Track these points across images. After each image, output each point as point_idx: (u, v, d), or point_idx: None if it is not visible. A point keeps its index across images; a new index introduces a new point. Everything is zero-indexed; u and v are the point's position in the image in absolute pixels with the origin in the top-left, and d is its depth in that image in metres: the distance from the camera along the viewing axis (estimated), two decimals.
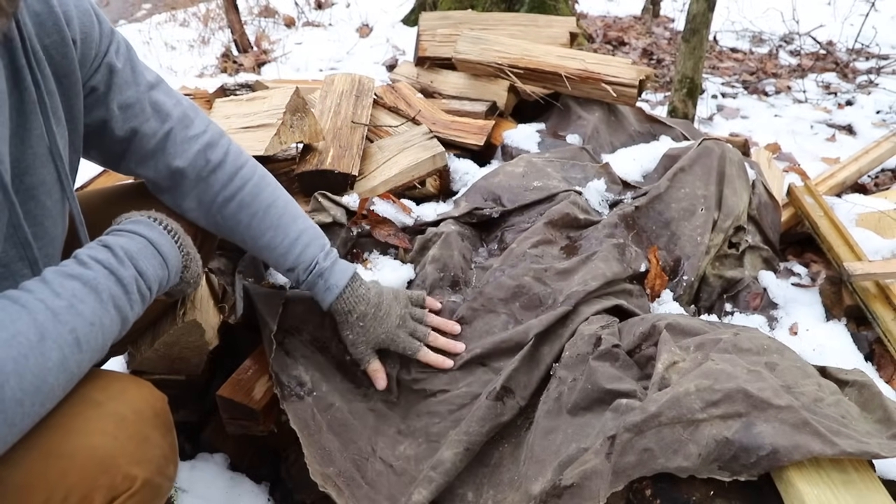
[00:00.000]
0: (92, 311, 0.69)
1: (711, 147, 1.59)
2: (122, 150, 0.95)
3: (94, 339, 0.69)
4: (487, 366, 1.17)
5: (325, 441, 1.04)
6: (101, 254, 0.74)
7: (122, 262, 0.75)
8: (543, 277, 1.28)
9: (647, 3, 5.73)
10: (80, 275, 0.70)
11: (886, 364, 1.36)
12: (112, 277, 0.73)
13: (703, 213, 1.49)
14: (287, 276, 1.10)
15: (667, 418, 0.86)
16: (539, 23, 2.41)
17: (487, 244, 1.48)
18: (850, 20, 4.44)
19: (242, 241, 1.06)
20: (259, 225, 1.03)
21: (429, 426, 1.12)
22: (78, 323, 0.67)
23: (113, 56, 0.89)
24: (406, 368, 1.18)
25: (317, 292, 1.11)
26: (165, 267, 0.81)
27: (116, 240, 0.77)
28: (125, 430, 0.71)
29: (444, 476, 1.00)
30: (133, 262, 0.76)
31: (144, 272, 0.77)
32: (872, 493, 0.81)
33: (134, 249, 0.77)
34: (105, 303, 0.70)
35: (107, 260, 0.74)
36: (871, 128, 2.96)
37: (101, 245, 0.76)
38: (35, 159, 0.76)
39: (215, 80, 3.89)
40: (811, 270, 1.62)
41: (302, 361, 1.14)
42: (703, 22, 2.44)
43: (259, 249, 1.06)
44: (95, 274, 0.71)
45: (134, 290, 0.75)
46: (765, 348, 1.01)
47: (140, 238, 0.79)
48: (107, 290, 0.71)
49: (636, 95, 1.88)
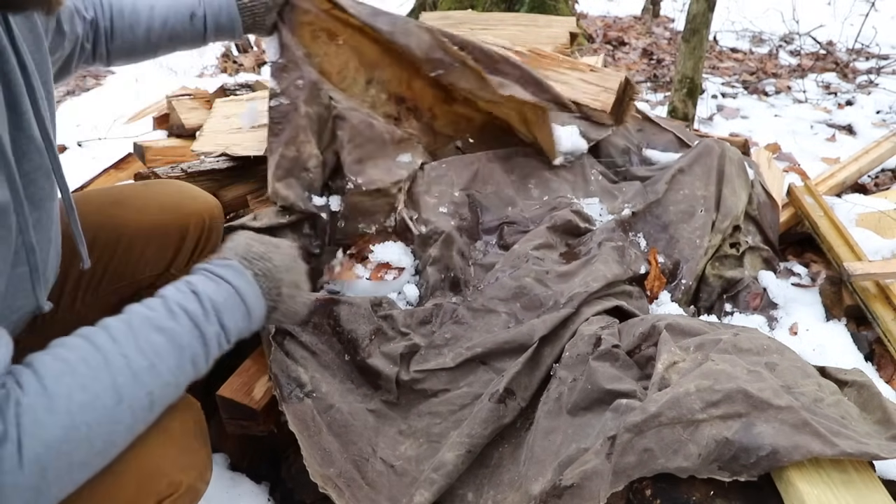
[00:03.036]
0: (170, 371, 0.67)
1: (712, 146, 1.58)
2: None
3: (167, 397, 0.68)
4: (488, 365, 1.17)
5: (325, 442, 1.04)
6: (191, 304, 0.71)
7: (207, 316, 0.71)
8: (545, 279, 1.28)
9: (647, 3, 5.73)
10: (168, 329, 0.68)
11: (886, 364, 1.36)
12: (196, 332, 0.70)
13: (703, 215, 1.49)
14: (195, 29, 1.18)
15: (667, 418, 0.87)
16: (539, 23, 2.41)
17: (484, 236, 1.47)
18: (850, 20, 4.45)
19: (146, 37, 1.14)
20: (141, 14, 1.12)
21: (430, 426, 1.12)
22: (156, 385, 0.65)
23: None
24: (405, 368, 1.18)
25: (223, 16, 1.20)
26: (248, 318, 0.77)
27: (205, 287, 0.74)
28: (173, 443, 0.74)
29: (445, 478, 1.00)
30: (218, 317, 0.72)
31: (227, 327, 0.73)
32: (872, 493, 0.81)
33: (220, 301, 0.73)
34: (185, 361, 0.68)
35: (194, 312, 0.71)
36: (871, 128, 2.96)
37: (191, 290, 0.73)
38: (30, 143, 0.76)
39: (215, 80, 3.89)
40: (811, 270, 1.62)
41: (301, 362, 1.14)
42: (703, 22, 2.44)
43: (161, 28, 1.14)
44: (182, 329, 0.69)
45: (214, 346, 0.72)
46: (765, 348, 1.01)
47: (227, 287, 0.75)
48: (189, 347, 0.69)
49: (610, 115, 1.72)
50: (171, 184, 1.17)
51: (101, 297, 1.04)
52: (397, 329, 1.24)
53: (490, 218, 1.48)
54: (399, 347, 1.20)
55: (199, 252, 1.12)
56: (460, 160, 1.53)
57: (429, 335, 1.24)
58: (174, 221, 1.07)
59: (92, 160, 2.40)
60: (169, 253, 1.08)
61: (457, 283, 1.35)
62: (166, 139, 2.13)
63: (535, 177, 1.58)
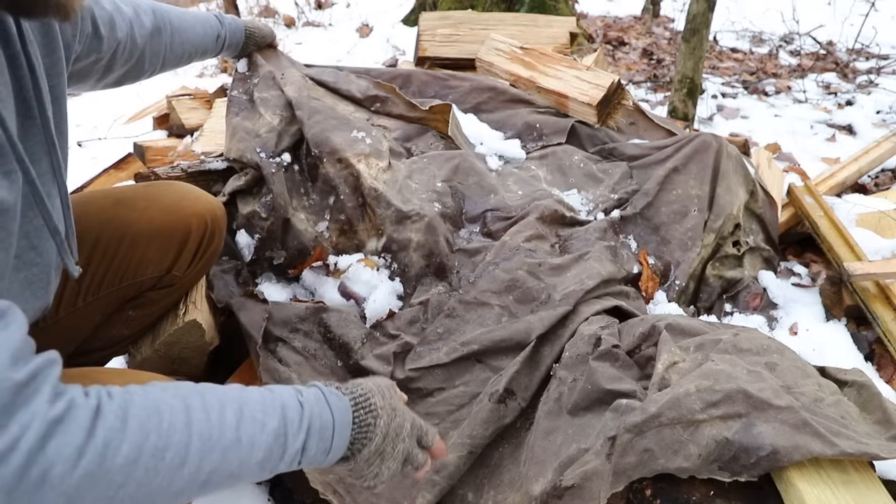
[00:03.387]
0: (239, 464, 0.62)
1: (709, 142, 1.56)
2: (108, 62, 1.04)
3: (219, 487, 0.62)
4: (484, 363, 1.17)
5: None
6: (291, 409, 0.68)
7: (299, 431, 0.67)
8: (537, 272, 1.28)
9: (647, 3, 5.73)
10: (261, 421, 0.64)
11: (886, 364, 1.36)
12: (280, 440, 0.66)
13: (696, 215, 1.48)
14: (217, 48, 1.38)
15: (667, 419, 0.86)
16: (539, 23, 2.41)
17: (468, 224, 1.46)
18: (850, 20, 4.44)
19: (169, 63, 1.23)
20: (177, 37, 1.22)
21: None
22: (220, 468, 0.60)
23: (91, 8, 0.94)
24: (400, 367, 1.18)
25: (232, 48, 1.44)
26: (326, 453, 0.71)
27: (312, 404, 0.70)
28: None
29: (447, 480, 1.00)
30: (307, 437, 0.68)
31: (307, 451, 0.68)
32: (872, 493, 0.81)
33: (316, 426, 0.69)
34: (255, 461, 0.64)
35: (291, 419, 0.67)
36: (871, 128, 2.96)
37: (297, 395, 0.70)
38: (38, 147, 0.76)
39: (215, 80, 3.89)
40: (811, 270, 1.62)
41: (295, 369, 1.14)
42: (703, 22, 2.44)
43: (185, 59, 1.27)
44: (269, 430, 0.65)
45: (287, 462, 0.67)
46: (765, 348, 1.01)
47: (329, 415, 0.70)
48: (267, 450, 0.65)
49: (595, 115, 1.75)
50: (173, 185, 1.17)
51: (101, 297, 1.04)
52: (387, 333, 1.24)
53: (473, 207, 1.47)
54: (392, 347, 1.20)
55: (201, 253, 1.12)
56: (441, 155, 1.54)
57: (419, 332, 1.24)
58: (176, 222, 1.07)
59: (92, 160, 2.40)
60: (171, 254, 1.08)
61: (442, 269, 1.34)
62: (166, 139, 2.13)
63: (512, 174, 1.59)
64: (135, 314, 1.11)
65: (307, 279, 1.39)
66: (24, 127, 0.74)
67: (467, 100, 1.81)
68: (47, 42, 0.80)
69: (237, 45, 1.48)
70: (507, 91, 1.82)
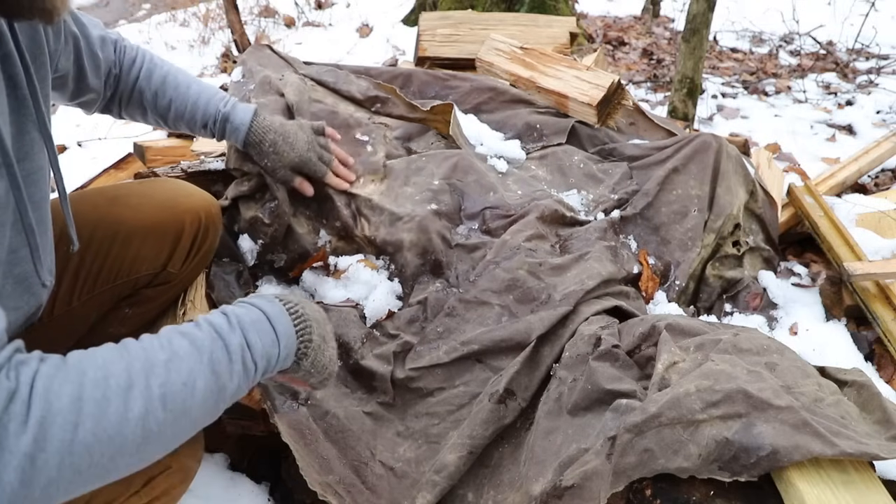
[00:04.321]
0: (188, 371, 0.65)
1: (709, 142, 1.56)
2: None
3: (182, 402, 0.64)
4: (484, 363, 1.17)
5: (323, 449, 1.04)
6: (216, 318, 0.72)
7: (233, 328, 0.71)
8: (538, 272, 1.28)
9: (647, 3, 5.73)
10: (190, 333, 0.68)
11: (886, 364, 1.36)
12: (219, 342, 0.69)
13: (696, 215, 1.47)
14: (207, 135, 1.26)
15: (667, 419, 0.86)
16: (539, 23, 2.41)
17: (466, 221, 1.44)
18: (850, 20, 4.44)
19: (157, 119, 1.20)
20: (161, 100, 1.17)
21: (428, 427, 1.12)
22: (170, 379, 0.63)
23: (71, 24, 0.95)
24: (400, 367, 1.18)
25: (230, 136, 1.25)
26: (277, 345, 0.75)
27: (234, 309, 0.75)
28: None
29: (447, 480, 1.00)
30: (243, 331, 0.71)
31: (253, 344, 0.72)
32: (872, 493, 0.81)
33: (247, 320, 0.73)
34: (204, 364, 0.67)
35: (219, 324, 0.71)
36: (871, 128, 2.96)
37: (219, 311, 0.74)
38: (33, 145, 0.76)
39: (215, 80, 3.89)
40: (811, 270, 1.62)
41: None
42: (703, 22, 2.44)
43: (174, 121, 1.21)
44: (204, 335, 0.69)
45: (238, 360, 0.70)
46: (765, 348, 1.01)
47: (257, 311, 0.75)
48: (209, 351, 0.67)
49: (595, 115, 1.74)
50: (167, 182, 1.17)
51: (97, 294, 1.04)
52: (387, 333, 1.24)
53: (472, 204, 1.45)
54: (392, 346, 1.20)
55: (195, 249, 1.12)
56: (441, 153, 1.53)
57: (419, 332, 1.24)
58: (170, 219, 1.08)
59: (92, 160, 2.40)
60: (165, 250, 1.08)
61: (439, 266, 1.34)
62: (166, 139, 2.13)
63: (512, 174, 1.59)
64: (131, 312, 1.11)
65: (307, 280, 1.39)
66: (19, 124, 0.74)
67: (467, 100, 1.81)
68: (35, 46, 0.81)
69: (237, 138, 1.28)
70: (507, 91, 1.82)
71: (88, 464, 0.57)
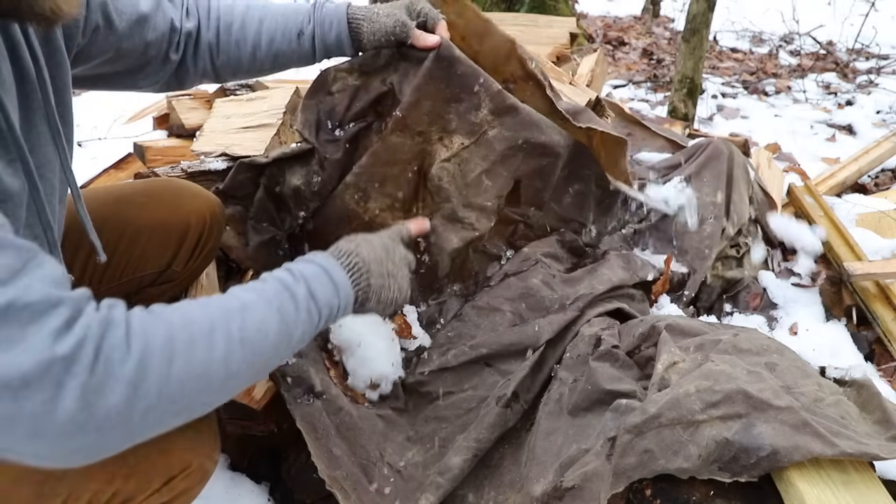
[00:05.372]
0: (262, 318, 0.70)
1: (721, 149, 1.54)
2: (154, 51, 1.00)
3: (257, 344, 0.69)
4: (493, 367, 1.17)
5: (333, 445, 1.04)
6: (281, 273, 0.78)
7: (297, 281, 0.76)
8: (551, 282, 1.28)
9: (647, 3, 5.74)
10: (258, 288, 0.74)
11: (886, 364, 1.36)
12: (286, 293, 0.74)
13: (713, 223, 1.44)
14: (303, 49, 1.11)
15: (667, 419, 0.86)
16: (539, 23, 2.41)
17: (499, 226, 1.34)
18: (850, 20, 4.45)
19: (252, 55, 1.09)
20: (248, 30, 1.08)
21: (436, 431, 1.12)
22: (246, 324, 0.68)
23: None
24: (412, 371, 1.18)
25: (331, 36, 1.11)
26: (337, 295, 0.81)
27: (296, 265, 0.80)
28: None
29: (451, 482, 1.01)
30: (307, 284, 0.77)
31: (315, 293, 0.77)
32: (872, 493, 0.81)
33: (309, 273, 0.78)
34: (273, 311, 0.72)
35: (283, 277, 0.76)
36: (871, 128, 2.96)
37: (283, 268, 0.80)
38: (39, 137, 0.76)
39: None
40: (811, 270, 1.62)
41: (313, 365, 1.14)
42: (703, 22, 2.44)
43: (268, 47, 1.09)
44: (271, 287, 0.74)
45: (304, 309, 0.75)
46: (764, 349, 1.01)
47: (316, 266, 0.81)
48: (278, 302, 0.73)
49: None
50: (172, 182, 1.18)
51: (101, 292, 1.04)
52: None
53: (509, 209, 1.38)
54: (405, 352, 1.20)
55: (199, 249, 1.12)
56: None
57: (433, 335, 1.24)
58: (176, 218, 1.08)
59: (92, 160, 2.40)
60: (170, 249, 1.08)
61: (464, 273, 1.33)
62: (166, 139, 2.13)
63: None
64: None
65: None
66: (26, 117, 0.74)
67: None
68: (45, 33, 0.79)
69: (339, 46, 1.14)
70: None
71: (181, 396, 0.62)
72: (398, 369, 1.16)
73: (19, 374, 0.51)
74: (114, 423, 0.56)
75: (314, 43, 1.12)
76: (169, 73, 1.06)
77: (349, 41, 1.13)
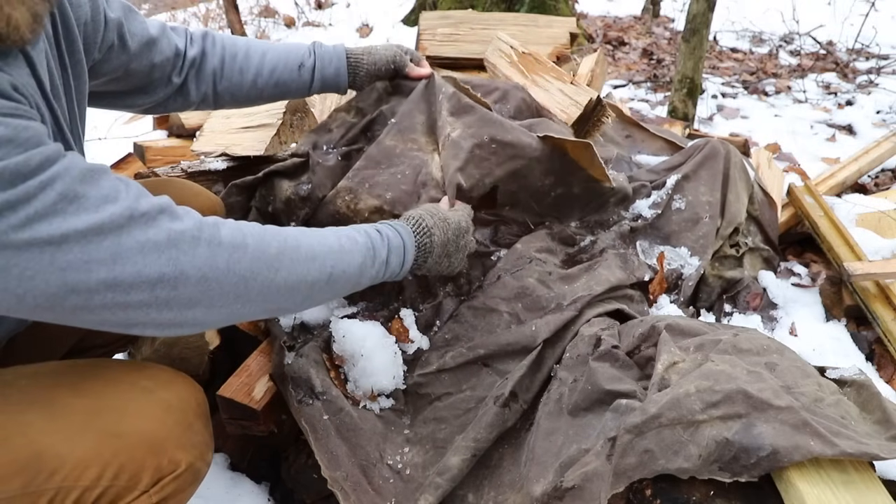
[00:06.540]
0: (348, 264, 0.87)
1: (718, 149, 1.55)
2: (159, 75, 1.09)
3: (337, 283, 0.87)
4: (491, 367, 1.17)
5: (333, 445, 1.04)
6: (374, 234, 0.95)
7: (383, 245, 0.95)
8: (547, 280, 1.28)
9: (647, 3, 5.74)
10: (357, 240, 0.91)
11: (886, 364, 1.36)
12: (371, 252, 0.92)
13: (708, 222, 1.45)
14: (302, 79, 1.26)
15: (667, 419, 0.86)
16: (539, 23, 2.41)
17: (478, 227, 1.38)
18: (850, 20, 4.45)
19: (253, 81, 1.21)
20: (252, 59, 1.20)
21: (435, 432, 1.12)
22: (337, 267, 0.86)
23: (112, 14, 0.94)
24: (410, 373, 1.18)
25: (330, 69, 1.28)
26: (401, 267, 1.00)
27: (387, 230, 0.98)
28: (172, 416, 0.76)
29: (450, 482, 1.00)
30: (388, 252, 0.95)
31: (390, 263, 0.96)
32: (872, 493, 0.81)
33: (394, 244, 0.97)
34: (356, 264, 0.89)
35: (375, 239, 0.94)
36: (871, 128, 2.96)
37: (375, 228, 0.97)
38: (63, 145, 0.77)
39: None
40: (811, 270, 1.62)
41: (313, 366, 1.14)
42: (703, 22, 2.44)
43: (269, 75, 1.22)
44: (363, 243, 0.92)
45: (376, 269, 0.94)
46: (764, 349, 1.01)
47: (400, 239, 0.99)
48: (362, 258, 0.90)
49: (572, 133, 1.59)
50: (174, 181, 1.18)
51: None
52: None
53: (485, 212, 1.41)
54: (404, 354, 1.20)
55: None
56: None
57: (431, 337, 1.24)
58: None
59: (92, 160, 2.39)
60: None
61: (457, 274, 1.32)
62: (166, 139, 2.13)
63: None
64: None
65: None
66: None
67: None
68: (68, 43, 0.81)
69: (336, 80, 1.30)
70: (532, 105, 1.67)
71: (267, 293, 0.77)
72: (399, 382, 1.17)
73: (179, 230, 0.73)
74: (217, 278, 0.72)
75: (313, 74, 1.26)
76: (167, 95, 1.13)
77: (346, 75, 1.30)
